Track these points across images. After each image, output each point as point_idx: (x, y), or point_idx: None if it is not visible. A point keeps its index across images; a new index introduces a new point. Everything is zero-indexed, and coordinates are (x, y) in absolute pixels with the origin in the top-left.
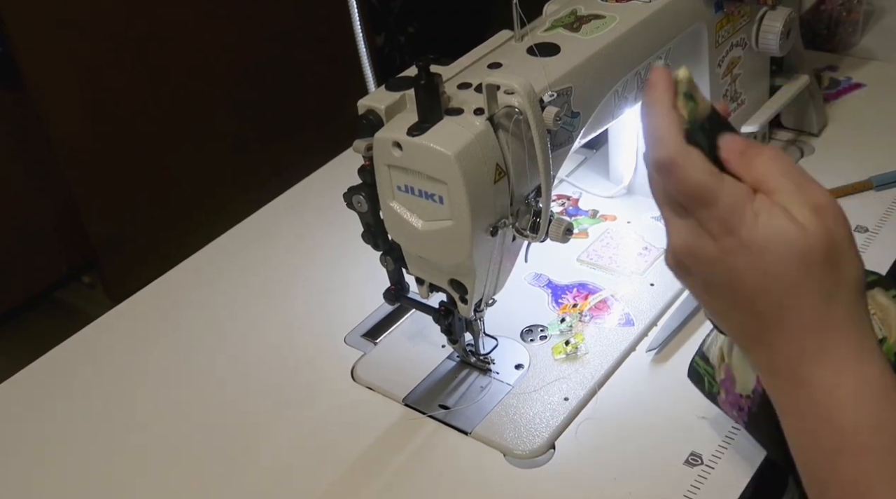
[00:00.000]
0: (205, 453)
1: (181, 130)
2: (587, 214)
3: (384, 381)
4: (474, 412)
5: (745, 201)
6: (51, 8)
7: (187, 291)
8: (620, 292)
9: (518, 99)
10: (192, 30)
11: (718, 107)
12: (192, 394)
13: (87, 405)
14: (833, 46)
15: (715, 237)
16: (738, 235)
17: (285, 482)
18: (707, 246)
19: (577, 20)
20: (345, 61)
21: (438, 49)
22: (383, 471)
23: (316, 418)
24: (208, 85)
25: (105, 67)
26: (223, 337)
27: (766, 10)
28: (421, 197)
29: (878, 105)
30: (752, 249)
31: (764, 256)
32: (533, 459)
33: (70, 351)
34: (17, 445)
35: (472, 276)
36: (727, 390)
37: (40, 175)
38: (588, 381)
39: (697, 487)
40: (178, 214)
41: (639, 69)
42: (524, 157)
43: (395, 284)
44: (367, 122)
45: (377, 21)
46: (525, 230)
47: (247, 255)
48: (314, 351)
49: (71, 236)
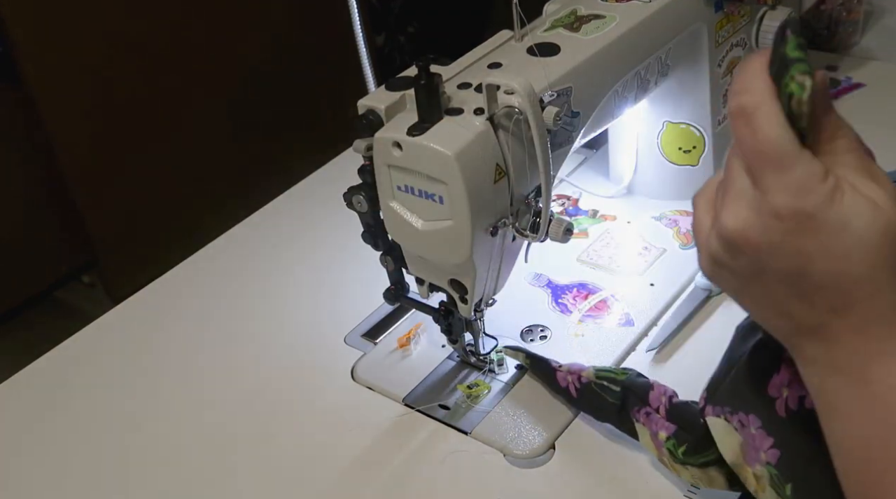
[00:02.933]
0: (205, 452)
1: (181, 130)
2: (587, 214)
3: (384, 381)
4: (474, 412)
5: (823, 175)
6: (51, 8)
7: (187, 291)
8: (620, 292)
9: (518, 99)
10: (192, 31)
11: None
12: (192, 394)
13: (87, 405)
14: (833, 46)
15: (781, 215)
16: (811, 210)
17: (285, 482)
18: (772, 224)
19: (577, 20)
20: (345, 61)
21: (438, 49)
22: (383, 471)
23: (316, 418)
24: (208, 85)
25: (105, 67)
26: (223, 337)
27: (766, 10)
28: (421, 197)
29: (878, 105)
30: (826, 228)
31: (840, 238)
32: (533, 459)
33: (70, 351)
34: (16, 445)
35: (472, 276)
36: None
37: (40, 175)
38: None
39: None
40: (178, 214)
41: (639, 69)
42: (524, 157)
43: (395, 284)
44: (367, 122)
45: (377, 21)
46: (525, 230)
47: (247, 255)
48: (314, 351)
49: (71, 236)
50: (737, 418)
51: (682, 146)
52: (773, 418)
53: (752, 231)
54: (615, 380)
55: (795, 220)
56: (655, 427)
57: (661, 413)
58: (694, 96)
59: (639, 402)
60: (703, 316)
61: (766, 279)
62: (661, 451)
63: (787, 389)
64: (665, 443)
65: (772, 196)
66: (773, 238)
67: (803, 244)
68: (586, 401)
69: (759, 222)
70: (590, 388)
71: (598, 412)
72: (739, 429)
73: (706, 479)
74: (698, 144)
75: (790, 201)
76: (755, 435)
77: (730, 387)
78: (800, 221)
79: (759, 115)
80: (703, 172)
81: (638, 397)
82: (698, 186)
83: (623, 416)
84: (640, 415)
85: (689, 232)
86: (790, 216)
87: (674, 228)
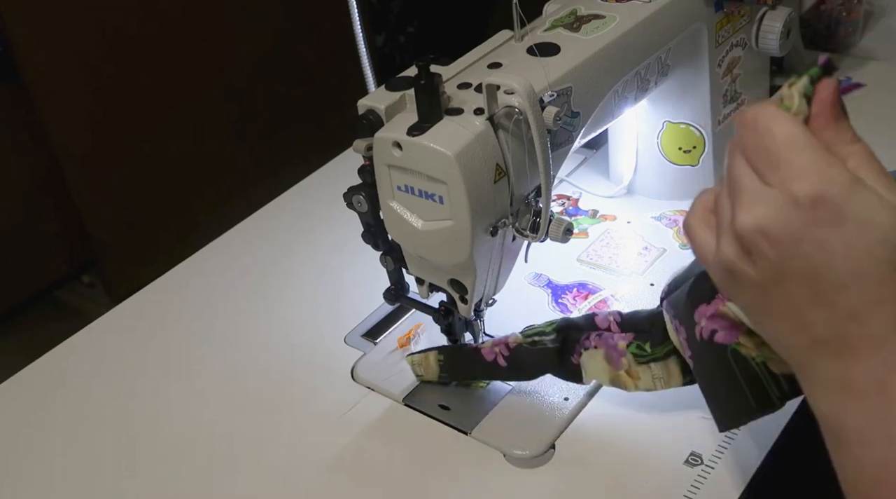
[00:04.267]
0: (205, 452)
1: (181, 130)
2: (587, 214)
3: (384, 381)
4: (474, 412)
5: (841, 163)
6: (51, 7)
7: (187, 291)
8: (620, 292)
9: (518, 99)
10: (192, 30)
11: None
12: (192, 394)
13: (87, 405)
14: (833, 46)
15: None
16: (832, 195)
17: (285, 482)
18: (792, 214)
19: (577, 20)
20: (345, 61)
21: (438, 49)
22: (383, 471)
23: (316, 418)
24: (208, 85)
25: (105, 66)
26: (223, 337)
27: (766, 9)
28: (421, 197)
29: (878, 105)
30: (848, 219)
31: (864, 232)
32: (533, 459)
33: (70, 351)
34: (16, 445)
35: (472, 276)
36: None
37: (40, 175)
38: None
39: (697, 487)
40: (178, 214)
41: (639, 69)
42: (524, 157)
43: (395, 284)
44: (367, 122)
45: (377, 21)
46: (525, 230)
47: (247, 255)
48: (314, 351)
49: (71, 236)
50: (675, 323)
51: (682, 146)
52: (692, 337)
53: (773, 225)
54: (545, 332)
55: (816, 206)
56: (612, 341)
57: (613, 329)
58: (694, 96)
59: (583, 333)
60: None
61: (786, 282)
62: (620, 363)
63: (706, 320)
64: (627, 348)
65: (790, 184)
66: (794, 229)
67: (825, 237)
68: (517, 364)
69: (778, 215)
70: (520, 349)
71: (534, 367)
72: (675, 330)
73: (666, 376)
74: (698, 143)
75: (810, 186)
76: (682, 343)
77: (679, 295)
78: (821, 208)
79: (761, 116)
80: (703, 172)
81: (581, 330)
82: (698, 186)
83: (563, 358)
84: (591, 341)
85: None
86: (811, 203)
87: (674, 228)
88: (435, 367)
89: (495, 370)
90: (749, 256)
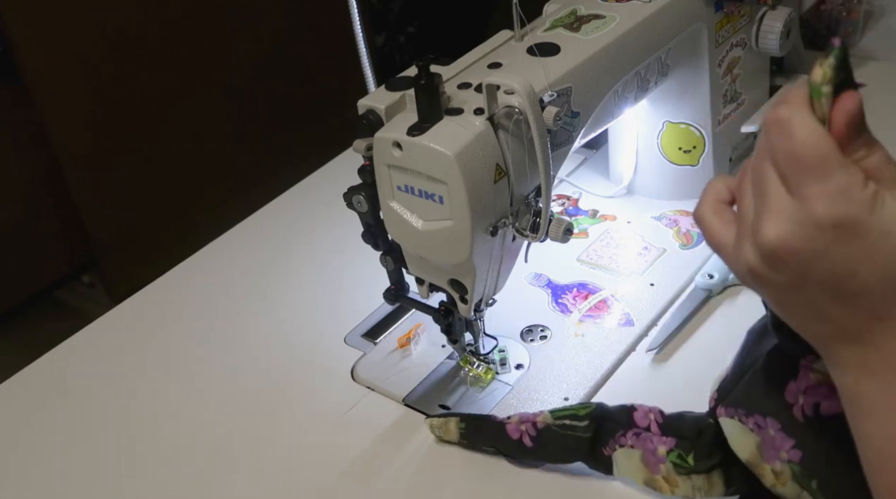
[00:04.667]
0: (205, 452)
1: (181, 130)
2: (587, 214)
3: (384, 381)
4: (474, 412)
5: (863, 182)
6: (51, 7)
7: (187, 291)
8: (620, 292)
9: (518, 99)
10: (192, 31)
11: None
12: (192, 394)
13: (87, 405)
14: None
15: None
16: (853, 218)
17: (285, 482)
18: (815, 234)
19: (577, 20)
20: (345, 61)
21: (438, 49)
22: (383, 471)
23: (316, 418)
24: (208, 85)
25: (105, 66)
26: (223, 337)
27: (766, 9)
28: (421, 197)
29: (878, 105)
30: (870, 235)
31: (885, 243)
32: None
33: (70, 351)
34: (16, 445)
35: (472, 276)
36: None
37: (40, 175)
38: (588, 381)
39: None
40: (178, 214)
41: (639, 69)
42: (524, 157)
43: (395, 284)
44: (367, 122)
45: (377, 21)
46: (525, 230)
47: (247, 255)
48: (314, 351)
49: (71, 236)
50: (752, 420)
51: (682, 146)
52: (793, 421)
53: (796, 242)
54: (578, 415)
55: (838, 229)
56: (652, 445)
57: (653, 430)
58: (694, 96)
59: (620, 427)
60: (703, 316)
61: (809, 289)
62: (658, 468)
63: (802, 395)
64: (668, 456)
65: (812, 204)
66: (817, 247)
67: (848, 251)
68: (547, 446)
69: (801, 233)
70: (549, 431)
71: (563, 454)
72: (756, 430)
73: (707, 486)
74: (698, 143)
75: (832, 209)
76: (775, 436)
77: (744, 390)
78: (842, 230)
79: (795, 122)
80: (703, 172)
81: (618, 423)
82: (698, 186)
83: (595, 448)
84: (627, 438)
85: (689, 232)
86: (832, 226)
87: (674, 228)
88: (455, 433)
89: (520, 450)
90: (773, 267)
